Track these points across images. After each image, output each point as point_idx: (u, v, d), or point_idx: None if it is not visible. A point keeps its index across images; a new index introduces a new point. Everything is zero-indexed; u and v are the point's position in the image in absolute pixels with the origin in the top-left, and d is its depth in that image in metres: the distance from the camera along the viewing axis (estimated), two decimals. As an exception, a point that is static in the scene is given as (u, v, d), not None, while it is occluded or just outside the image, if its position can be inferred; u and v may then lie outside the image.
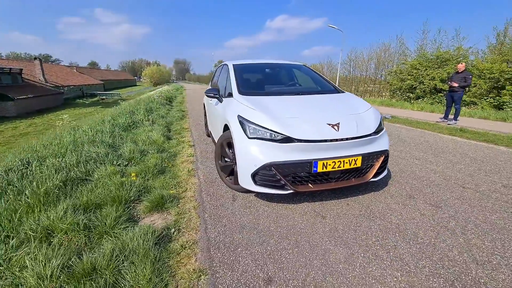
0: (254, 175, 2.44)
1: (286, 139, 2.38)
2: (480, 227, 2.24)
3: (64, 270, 1.66)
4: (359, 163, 2.50)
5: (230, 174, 3.01)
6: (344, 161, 2.43)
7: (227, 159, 3.04)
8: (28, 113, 20.10)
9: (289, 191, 2.44)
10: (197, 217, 2.44)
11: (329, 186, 2.52)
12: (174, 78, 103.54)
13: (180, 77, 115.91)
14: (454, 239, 2.08)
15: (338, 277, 1.70)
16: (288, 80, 4.06)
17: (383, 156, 2.68)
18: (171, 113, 9.24)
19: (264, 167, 2.37)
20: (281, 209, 2.56)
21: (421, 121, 8.14)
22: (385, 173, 2.85)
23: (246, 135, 2.50)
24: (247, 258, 1.88)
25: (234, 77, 3.44)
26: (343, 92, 3.46)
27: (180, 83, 63.18)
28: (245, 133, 2.52)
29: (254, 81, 3.84)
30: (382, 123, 2.84)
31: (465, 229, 2.22)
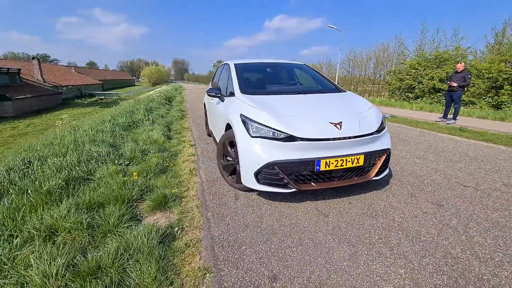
0: (257, 174, 2.45)
1: (289, 138, 2.38)
2: (482, 225, 2.26)
3: (69, 268, 1.66)
4: (361, 162, 2.51)
5: (232, 173, 3.01)
6: (346, 159, 2.44)
7: (229, 158, 3.05)
8: (26, 113, 20.02)
9: (292, 190, 2.44)
10: (200, 216, 2.44)
11: (331, 185, 2.53)
12: (173, 78, 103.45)
13: (178, 77, 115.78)
14: (457, 236, 2.10)
15: (342, 275, 1.70)
16: (289, 79, 4.06)
17: (385, 154, 2.70)
18: (171, 112, 9.23)
19: (267, 166, 2.38)
20: (284, 208, 2.56)
21: (420, 120, 8.17)
22: (387, 171, 2.86)
23: (249, 134, 2.51)
24: (251, 256, 1.89)
25: (235, 76, 3.44)
26: (344, 91, 3.47)
27: (178, 83, 63.11)
28: (248, 132, 2.53)
29: (256, 80, 3.84)
30: (384, 122, 2.86)
31: (467, 227, 2.23)
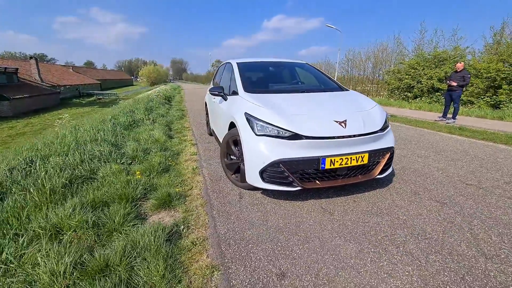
0: (262, 172, 2.45)
1: (294, 136, 2.39)
2: (486, 223, 2.27)
3: (77, 266, 1.65)
4: (365, 160, 2.52)
5: (236, 172, 3.01)
6: (351, 157, 2.45)
7: (233, 157, 3.05)
8: (24, 113, 19.89)
9: (297, 188, 2.45)
10: (205, 214, 2.44)
11: (336, 183, 2.54)
12: (171, 77, 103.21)
13: (177, 77, 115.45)
14: (462, 234, 2.11)
15: (350, 272, 1.71)
16: (292, 78, 4.07)
17: (389, 153, 2.71)
18: (171, 112, 9.20)
19: (273, 164, 2.38)
20: (289, 206, 2.57)
21: (420, 120, 8.20)
22: (391, 169, 2.87)
23: (254, 132, 2.51)
24: (258, 254, 1.89)
25: (238, 75, 3.43)
26: (347, 90, 3.48)
27: (177, 82, 62.94)
28: (252, 130, 2.53)
29: (259, 79, 3.84)
30: (387, 121, 2.87)
31: (471, 225, 2.24)
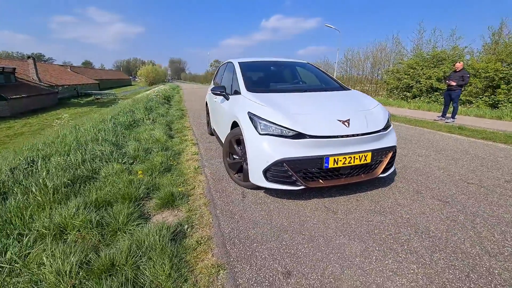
0: (265, 172, 2.45)
1: (298, 135, 2.39)
2: (489, 221, 2.29)
3: (83, 266, 1.65)
4: (369, 159, 2.52)
5: (238, 171, 3.01)
6: (354, 157, 2.45)
7: (235, 156, 3.05)
8: (22, 113, 19.80)
9: (301, 187, 2.45)
10: (208, 214, 2.44)
11: (339, 182, 2.54)
12: (169, 77, 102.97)
13: (175, 77, 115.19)
14: (465, 232, 2.12)
15: (356, 270, 1.72)
16: (294, 77, 4.07)
17: (391, 152, 2.72)
18: (171, 112, 9.18)
19: (276, 163, 2.38)
20: (292, 205, 2.57)
21: (419, 119, 8.23)
22: (393, 168, 2.88)
23: (258, 132, 2.51)
24: (263, 252, 1.89)
25: (241, 75, 3.43)
26: (349, 89, 3.49)
27: (175, 82, 62.82)
28: (256, 129, 2.53)
29: (261, 79, 3.84)
30: (390, 120, 2.88)
31: (474, 223, 2.26)
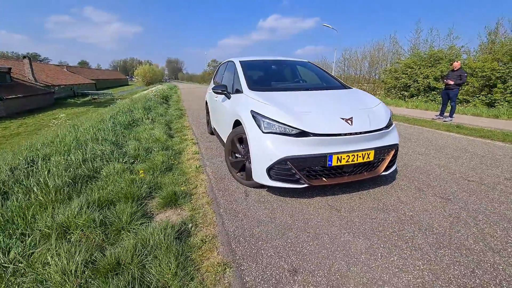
0: (269, 170, 2.45)
1: (301, 133, 2.39)
2: (491, 218, 2.31)
3: (88, 265, 1.63)
4: (371, 157, 2.53)
5: (241, 170, 3.01)
6: (357, 155, 2.46)
7: (237, 155, 3.04)
8: (18, 113, 19.60)
9: (304, 185, 2.45)
10: (212, 212, 2.44)
11: (342, 180, 2.55)
12: (166, 77, 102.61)
13: (172, 77, 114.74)
14: (468, 229, 2.14)
15: (362, 267, 1.72)
16: (295, 76, 4.08)
17: (394, 150, 2.73)
18: (170, 111, 9.15)
19: (280, 162, 2.38)
20: (295, 204, 2.57)
21: (417, 118, 8.28)
22: (395, 166, 2.90)
23: (261, 130, 2.51)
24: (269, 250, 1.89)
25: (242, 73, 3.43)
26: (350, 88, 3.50)
27: (173, 82, 62.58)
28: (259, 128, 2.53)
29: (262, 77, 3.84)
30: (392, 118, 2.89)
31: (477, 220, 2.27)
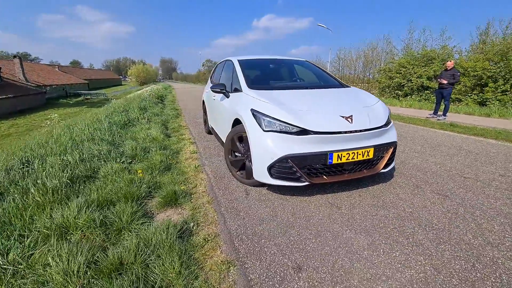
0: (270, 168, 2.45)
1: (302, 132, 2.40)
2: (488, 213, 2.35)
3: (90, 265, 1.61)
4: (371, 155, 2.56)
5: (241, 169, 3.01)
6: (357, 152, 2.48)
7: (237, 154, 3.04)
8: (9, 113, 19.19)
9: (305, 183, 2.46)
10: (213, 211, 2.43)
11: (342, 178, 2.57)
12: (160, 77, 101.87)
13: (166, 77, 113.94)
14: (466, 224, 2.18)
15: (365, 263, 1.74)
16: (293, 75, 4.09)
17: (392, 147, 2.76)
18: (165, 111, 9.08)
19: (281, 160, 2.38)
20: (296, 202, 2.58)
21: (412, 117, 8.39)
22: (393, 164, 2.93)
23: (261, 128, 2.51)
24: (272, 248, 1.89)
25: (241, 72, 3.42)
26: (348, 87, 3.52)
27: (167, 82, 62.13)
28: (260, 126, 2.52)
29: (261, 76, 3.83)
30: (390, 116, 2.92)
31: (474, 215, 2.32)
